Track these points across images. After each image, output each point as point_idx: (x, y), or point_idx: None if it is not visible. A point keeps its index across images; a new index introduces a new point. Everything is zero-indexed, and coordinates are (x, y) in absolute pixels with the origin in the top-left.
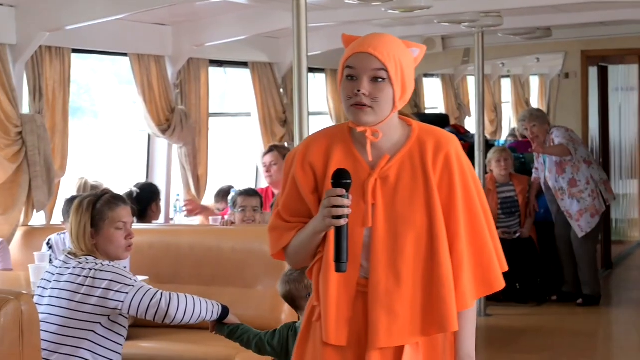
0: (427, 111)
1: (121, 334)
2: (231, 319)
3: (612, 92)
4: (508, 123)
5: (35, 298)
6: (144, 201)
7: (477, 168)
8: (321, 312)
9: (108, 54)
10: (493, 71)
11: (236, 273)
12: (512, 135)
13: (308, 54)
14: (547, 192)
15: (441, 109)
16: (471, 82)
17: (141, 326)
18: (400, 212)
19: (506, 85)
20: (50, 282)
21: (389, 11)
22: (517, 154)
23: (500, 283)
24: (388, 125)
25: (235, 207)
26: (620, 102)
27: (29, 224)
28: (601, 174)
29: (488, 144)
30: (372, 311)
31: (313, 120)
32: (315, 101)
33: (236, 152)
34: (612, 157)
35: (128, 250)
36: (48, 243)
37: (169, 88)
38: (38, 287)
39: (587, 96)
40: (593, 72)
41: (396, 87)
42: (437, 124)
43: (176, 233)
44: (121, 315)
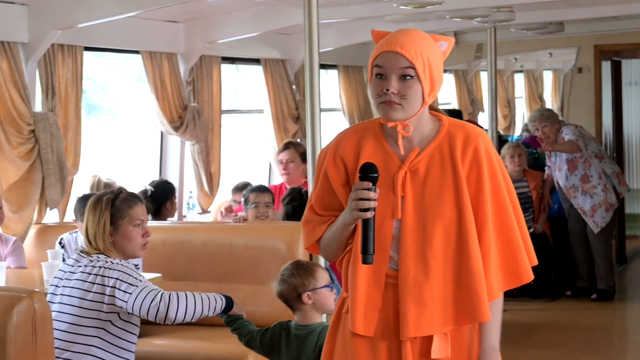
0: (440, 107)
1: (133, 332)
2: (235, 311)
3: (626, 87)
4: (521, 118)
5: (48, 296)
6: (159, 199)
7: None
8: (349, 303)
9: (120, 52)
10: (506, 66)
11: (249, 270)
12: (527, 130)
13: (320, 50)
14: (560, 192)
15: (454, 105)
16: (484, 78)
17: (153, 323)
18: (429, 204)
19: (519, 80)
20: (62, 280)
21: (401, 7)
22: (531, 149)
23: (528, 275)
24: (418, 120)
25: (247, 204)
26: (633, 97)
27: (42, 222)
28: (614, 167)
29: (501, 140)
30: (402, 302)
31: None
32: (327, 97)
33: (249, 149)
34: (626, 152)
35: (144, 248)
36: (60, 242)
37: (182, 85)
38: (51, 285)
39: (601, 91)
40: (606, 67)
41: (424, 83)
42: None
43: (189, 230)
44: (132, 313)
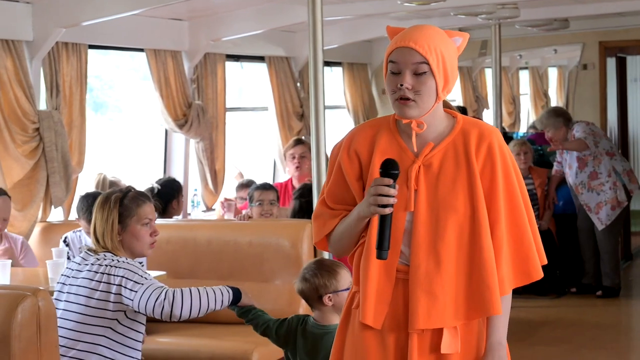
0: None
1: (140, 331)
2: (244, 301)
3: (631, 83)
4: (526, 115)
5: (54, 294)
6: (166, 197)
7: None
8: (360, 296)
9: (125, 50)
10: (511, 63)
11: (254, 267)
12: (533, 127)
13: (324, 48)
14: (571, 189)
15: (459, 102)
16: (489, 74)
17: (158, 321)
18: (442, 198)
19: (524, 77)
20: (69, 278)
21: (405, 4)
22: (536, 146)
23: (538, 273)
24: (433, 116)
25: (252, 202)
26: (638, 93)
27: (47, 220)
28: (624, 165)
29: (506, 137)
30: (412, 293)
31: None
32: (331, 95)
33: (253, 147)
34: (631, 148)
35: (152, 247)
36: (64, 241)
37: (186, 83)
38: (57, 283)
39: (606, 87)
40: (611, 63)
41: (438, 79)
42: None
43: (194, 228)
44: (138, 311)
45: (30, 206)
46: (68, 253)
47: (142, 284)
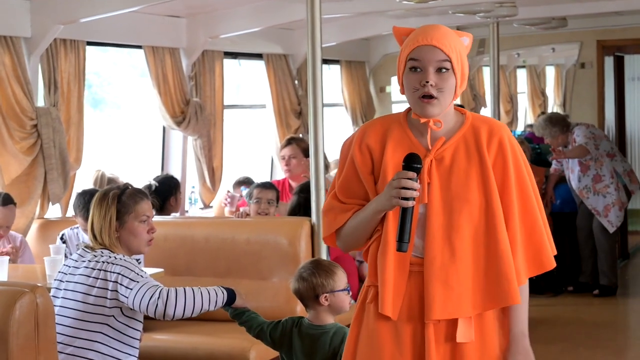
0: None
1: (137, 328)
2: (239, 303)
3: (628, 82)
4: (524, 114)
5: (52, 291)
6: (163, 194)
7: None
8: (378, 289)
9: (123, 47)
10: (508, 62)
11: (251, 265)
12: (530, 125)
13: (322, 46)
14: (572, 192)
15: (457, 100)
16: (486, 73)
17: (155, 318)
18: (455, 190)
19: (522, 75)
20: (66, 275)
21: (404, 2)
22: (534, 145)
23: (551, 263)
24: (445, 112)
25: (251, 199)
26: (636, 92)
27: (45, 217)
28: (625, 165)
29: None
30: (428, 284)
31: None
32: (329, 93)
33: (251, 144)
34: (629, 147)
35: (149, 244)
36: (62, 238)
37: (184, 80)
38: (55, 280)
39: (603, 86)
40: (609, 62)
41: (458, 76)
42: None
43: (191, 225)
44: (133, 309)
45: (27, 203)
46: (65, 250)
47: (138, 282)
